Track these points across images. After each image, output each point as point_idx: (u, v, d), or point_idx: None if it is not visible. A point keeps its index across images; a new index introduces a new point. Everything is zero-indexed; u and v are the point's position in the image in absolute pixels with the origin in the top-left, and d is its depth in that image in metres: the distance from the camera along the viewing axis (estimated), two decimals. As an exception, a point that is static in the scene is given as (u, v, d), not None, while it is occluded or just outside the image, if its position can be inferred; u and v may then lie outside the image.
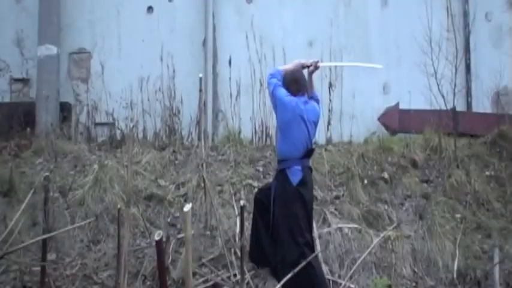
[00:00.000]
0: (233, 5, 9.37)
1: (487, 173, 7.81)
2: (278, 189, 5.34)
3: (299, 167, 5.32)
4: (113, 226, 6.04)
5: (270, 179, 6.98)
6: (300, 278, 4.81)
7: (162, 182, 7.00)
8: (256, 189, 6.89)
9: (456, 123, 8.28)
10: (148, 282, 5.40)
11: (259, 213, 5.62)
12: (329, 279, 5.69)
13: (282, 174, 5.33)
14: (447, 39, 8.52)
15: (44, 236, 3.32)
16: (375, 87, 9.45)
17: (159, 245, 2.47)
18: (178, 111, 8.71)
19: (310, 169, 5.59)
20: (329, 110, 8.61)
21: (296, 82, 5.49)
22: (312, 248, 5.26)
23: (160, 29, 9.22)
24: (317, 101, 5.73)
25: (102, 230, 6.08)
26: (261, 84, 8.79)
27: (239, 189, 6.95)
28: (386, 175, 7.47)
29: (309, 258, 4.79)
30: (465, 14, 9.77)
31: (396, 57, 9.59)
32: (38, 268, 4.55)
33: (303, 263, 4.63)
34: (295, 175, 5.27)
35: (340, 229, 6.32)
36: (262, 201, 5.60)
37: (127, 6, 9.27)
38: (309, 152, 5.43)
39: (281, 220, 5.20)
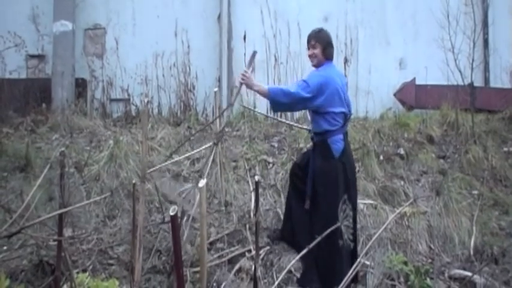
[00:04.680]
0: (248, -21, 9.29)
1: (505, 149, 7.74)
2: (317, 162, 5.15)
3: (341, 136, 5.12)
4: (128, 201, 6.08)
5: (285, 155, 6.98)
6: (324, 254, 4.85)
7: (177, 157, 7.00)
8: (271, 165, 6.89)
9: (473, 98, 8.20)
10: (163, 258, 5.42)
11: (293, 189, 5.59)
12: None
13: (322, 145, 5.12)
14: (465, 13, 8.40)
15: (60, 211, 3.31)
16: (391, 62, 9.37)
17: (174, 221, 2.46)
18: (193, 87, 8.73)
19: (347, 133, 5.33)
20: (345, 86, 8.59)
21: (332, 46, 5.27)
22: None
23: (175, 4, 9.19)
24: None
25: (117, 205, 6.10)
26: (276, 60, 8.76)
27: (254, 165, 6.94)
28: (402, 151, 7.43)
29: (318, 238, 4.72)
30: (484, -13, 9.61)
31: (413, 31, 9.48)
32: (55, 243, 4.58)
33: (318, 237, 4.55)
34: (337, 145, 5.09)
35: (356, 205, 6.29)
36: (298, 175, 5.51)
37: (141, -19, 9.24)
38: (347, 119, 5.25)
39: (322, 196, 5.08)
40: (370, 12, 9.40)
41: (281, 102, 4.95)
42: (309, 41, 5.23)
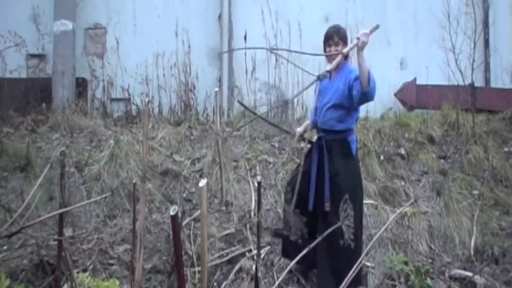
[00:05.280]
0: (249, -21, 9.28)
1: (506, 149, 7.75)
2: (337, 163, 5.00)
3: (355, 136, 5.14)
4: (128, 201, 6.07)
5: (286, 155, 6.97)
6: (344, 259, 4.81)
7: (177, 157, 7.00)
8: (271, 165, 6.88)
9: (474, 98, 8.20)
10: (163, 257, 5.42)
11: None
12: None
13: (342, 144, 5.03)
14: (466, 13, 8.41)
15: (61, 211, 3.31)
16: (391, 62, 9.37)
17: (175, 220, 2.46)
18: (194, 87, 8.72)
19: None
20: (345, 86, 8.60)
21: None
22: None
23: (176, 4, 9.18)
24: None
25: (118, 205, 6.10)
26: (276, 60, 8.75)
27: (254, 164, 6.94)
28: (403, 151, 7.43)
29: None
30: (484, -13, 9.61)
31: (414, 31, 9.49)
32: (55, 242, 4.58)
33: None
34: (354, 144, 5.08)
35: (356, 205, 6.28)
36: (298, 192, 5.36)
37: (142, -19, 9.24)
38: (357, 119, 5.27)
39: (348, 192, 4.92)
40: (370, 12, 9.39)
41: (370, 92, 4.89)
42: (330, 38, 5.11)
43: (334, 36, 5.09)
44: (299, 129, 5.49)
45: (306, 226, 4.95)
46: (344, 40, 5.13)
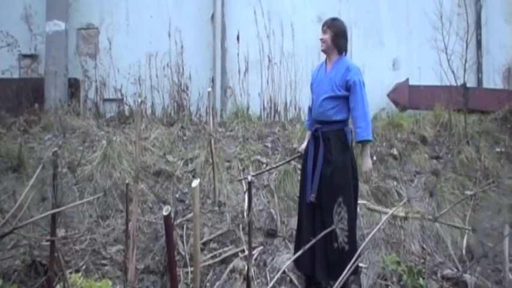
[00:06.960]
0: (241, -21, 9.27)
1: (498, 149, 7.78)
2: (335, 154, 5.05)
3: (350, 127, 5.22)
4: (121, 201, 6.06)
5: (279, 155, 6.98)
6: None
7: (170, 157, 6.99)
8: (264, 166, 6.88)
9: (466, 99, 8.23)
10: (156, 258, 5.42)
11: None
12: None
13: (339, 135, 5.14)
14: (458, 14, 8.45)
15: (53, 211, 3.31)
16: (384, 62, 9.40)
17: (167, 221, 2.47)
18: (187, 87, 8.71)
19: None
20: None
21: (343, 37, 5.34)
22: None
23: (169, 4, 9.16)
24: None
25: (110, 205, 6.09)
26: (269, 60, 8.76)
27: (247, 165, 6.94)
28: (395, 151, 7.45)
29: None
30: (477, -11, 9.65)
31: (406, 32, 9.52)
32: (47, 243, 4.57)
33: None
34: (350, 135, 5.18)
35: (349, 205, 6.27)
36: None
37: (135, -19, 9.21)
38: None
39: (341, 189, 4.92)
40: (363, 12, 9.42)
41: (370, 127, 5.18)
42: (322, 27, 5.31)
43: (324, 25, 5.29)
44: (303, 147, 5.49)
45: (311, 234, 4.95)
46: (332, 30, 5.25)
